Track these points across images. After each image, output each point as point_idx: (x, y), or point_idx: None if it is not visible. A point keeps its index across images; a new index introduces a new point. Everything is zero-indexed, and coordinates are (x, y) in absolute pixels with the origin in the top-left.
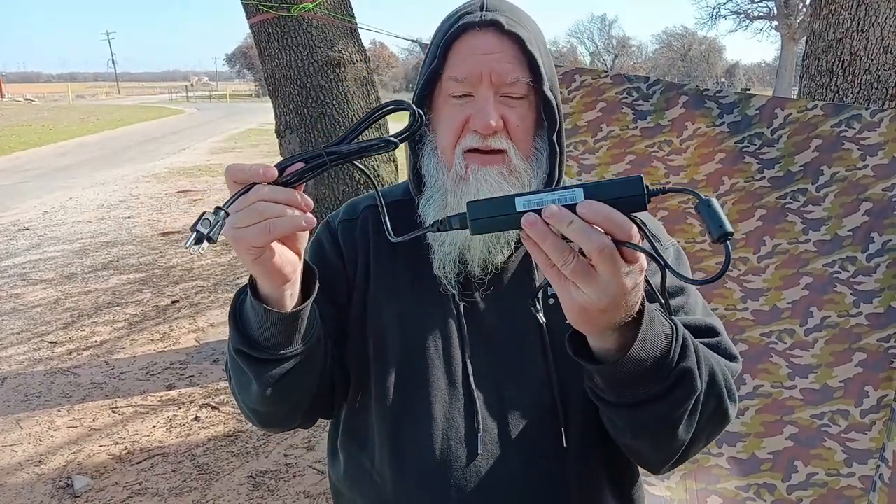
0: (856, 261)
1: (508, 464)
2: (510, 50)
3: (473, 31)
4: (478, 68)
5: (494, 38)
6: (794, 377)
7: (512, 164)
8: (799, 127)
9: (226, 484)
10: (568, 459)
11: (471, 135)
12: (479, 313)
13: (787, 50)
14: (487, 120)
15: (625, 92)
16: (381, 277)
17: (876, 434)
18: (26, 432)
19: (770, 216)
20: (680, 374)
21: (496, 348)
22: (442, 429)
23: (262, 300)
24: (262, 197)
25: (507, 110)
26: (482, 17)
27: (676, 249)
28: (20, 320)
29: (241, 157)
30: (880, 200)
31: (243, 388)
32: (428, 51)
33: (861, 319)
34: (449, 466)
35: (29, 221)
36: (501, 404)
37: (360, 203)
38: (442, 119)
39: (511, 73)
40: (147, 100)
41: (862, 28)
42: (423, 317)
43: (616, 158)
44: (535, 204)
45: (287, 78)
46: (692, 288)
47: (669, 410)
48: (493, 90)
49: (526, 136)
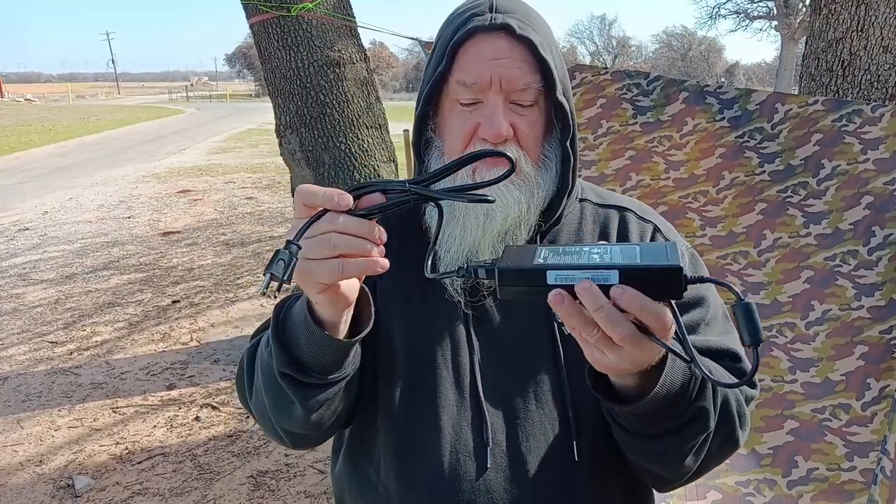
0: (857, 254)
1: (519, 478)
2: (521, 55)
3: (483, 34)
4: (487, 74)
5: (505, 42)
6: (795, 371)
7: (521, 170)
8: (799, 122)
9: (226, 484)
10: (580, 473)
11: (480, 143)
12: (490, 322)
13: (787, 50)
14: (498, 128)
15: (624, 88)
16: (387, 284)
17: (877, 426)
18: (27, 432)
19: (770, 210)
20: (695, 412)
21: (507, 358)
22: (450, 441)
23: (318, 323)
24: (336, 228)
25: (517, 118)
26: (492, 19)
27: (691, 254)
28: (21, 320)
29: (241, 156)
30: (881, 194)
31: (281, 411)
32: (433, 51)
33: (863, 312)
34: (457, 480)
35: (29, 221)
36: (512, 416)
37: None
38: (449, 125)
39: (521, 78)
40: (147, 100)
41: (862, 28)
42: (431, 325)
43: (616, 154)
44: (567, 280)
45: (287, 78)
46: (712, 298)
47: (681, 444)
48: (503, 96)
49: (536, 144)
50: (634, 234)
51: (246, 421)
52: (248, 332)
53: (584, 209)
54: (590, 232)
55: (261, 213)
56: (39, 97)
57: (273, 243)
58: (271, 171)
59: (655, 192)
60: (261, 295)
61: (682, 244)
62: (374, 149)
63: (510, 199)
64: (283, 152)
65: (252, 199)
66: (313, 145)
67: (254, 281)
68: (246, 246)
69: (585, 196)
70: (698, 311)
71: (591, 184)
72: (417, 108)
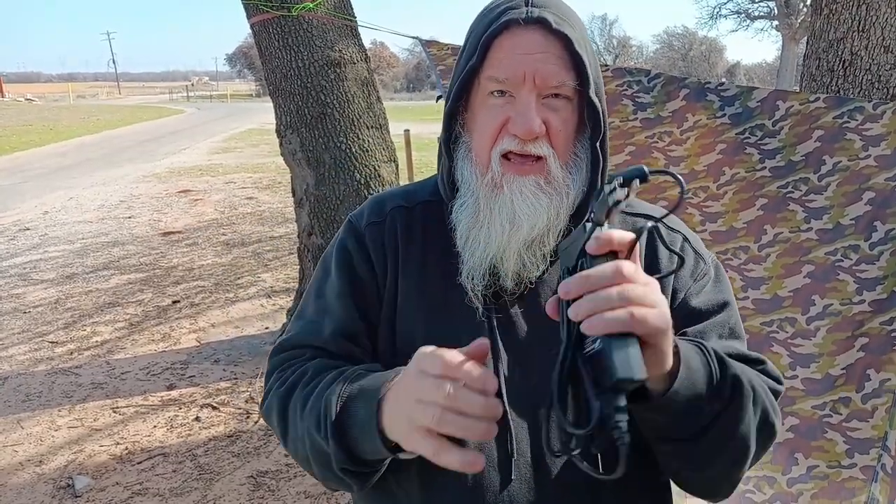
0: (858, 249)
1: (544, 490)
2: (556, 50)
3: (517, 28)
4: (521, 69)
5: (540, 37)
6: (796, 367)
7: (551, 174)
8: (800, 118)
9: (227, 484)
10: (604, 485)
11: (509, 138)
12: (515, 330)
13: (788, 50)
14: (530, 125)
15: (625, 84)
16: (410, 289)
17: (878, 421)
18: (27, 432)
19: (771, 205)
20: (732, 381)
21: (531, 368)
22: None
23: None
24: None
25: (550, 114)
26: (528, 13)
27: (716, 265)
28: (21, 320)
29: (241, 156)
30: (883, 190)
31: (334, 483)
32: (465, 46)
33: (864, 307)
34: (482, 492)
35: (30, 221)
36: (536, 427)
37: (385, 202)
38: (479, 120)
39: (556, 75)
40: (147, 100)
41: (863, 28)
42: (454, 332)
43: (616, 150)
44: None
45: (287, 78)
46: (734, 303)
47: (736, 421)
48: (536, 92)
49: (567, 142)
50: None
51: (246, 421)
52: (249, 332)
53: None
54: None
55: (261, 213)
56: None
57: (273, 243)
58: (272, 171)
59: (655, 188)
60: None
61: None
62: (375, 149)
63: (539, 208)
64: (283, 152)
65: (252, 199)
66: (314, 145)
67: (254, 281)
68: (246, 246)
69: None
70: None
71: None
72: (447, 103)
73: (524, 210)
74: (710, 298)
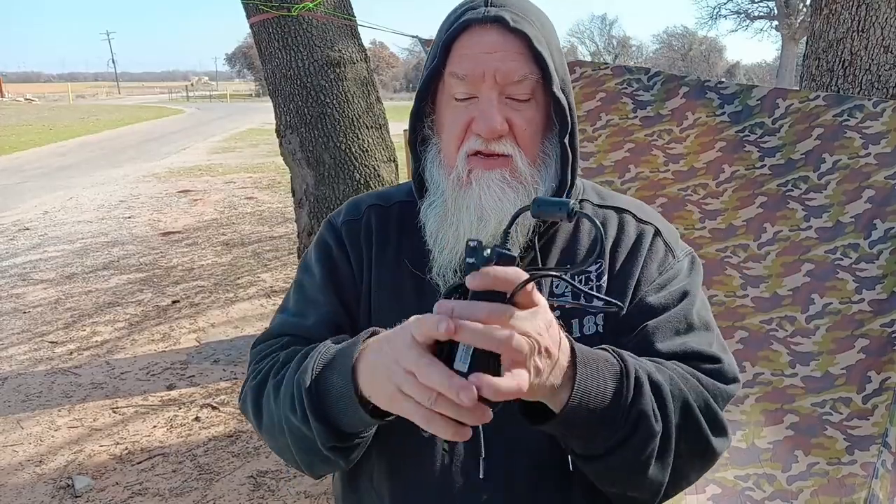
0: (858, 247)
1: (513, 489)
2: (515, 48)
3: (477, 27)
4: (480, 67)
5: (498, 36)
6: (795, 365)
7: (517, 170)
8: (800, 116)
9: (226, 484)
10: (574, 484)
11: (474, 138)
12: None
13: (788, 50)
14: (491, 123)
15: (625, 83)
16: (384, 287)
17: (878, 419)
18: (27, 432)
19: (771, 203)
20: (636, 418)
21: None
22: (443, 451)
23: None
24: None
25: (513, 112)
26: (486, 13)
27: (691, 259)
28: (21, 320)
29: (241, 156)
30: (883, 188)
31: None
32: (430, 49)
33: (864, 306)
34: (451, 491)
35: (29, 221)
36: (506, 427)
37: (362, 202)
38: (445, 121)
39: (517, 71)
40: (147, 100)
41: (862, 28)
42: None
43: (615, 146)
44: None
45: (287, 78)
46: (699, 291)
47: (635, 457)
48: (498, 90)
49: (533, 141)
50: (631, 236)
51: (246, 421)
52: (249, 332)
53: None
54: (587, 233)
55: (261, 213)
56: (40, 97)
57: (273, 243)
58: (271, 171)
59: (654, 185)
60: None
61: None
62: (375, 149)
63: (505, 201)
64: (283, 152)
65: (252, 198)
66: (313, 145)
67: (254, 281)
68: (246, 246)
69: (586, 196)
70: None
71: (594, 183)
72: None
73: (491, 204)
74: (671, 292)
